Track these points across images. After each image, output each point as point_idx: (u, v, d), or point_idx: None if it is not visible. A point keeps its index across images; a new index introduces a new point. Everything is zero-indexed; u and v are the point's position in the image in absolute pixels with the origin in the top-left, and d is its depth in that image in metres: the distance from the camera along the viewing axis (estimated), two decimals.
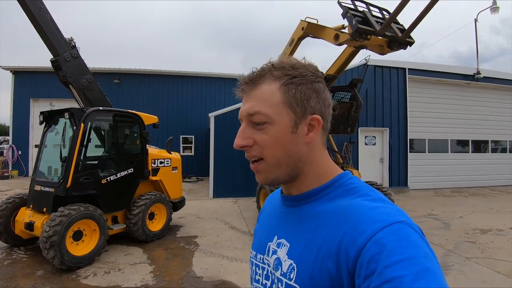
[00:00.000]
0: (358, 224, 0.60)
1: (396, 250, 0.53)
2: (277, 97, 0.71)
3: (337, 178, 0.75)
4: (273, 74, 0.72)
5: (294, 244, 0.71)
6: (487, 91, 13.47)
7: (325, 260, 0.62)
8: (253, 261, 0.85)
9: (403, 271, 0.50)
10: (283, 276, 0.70)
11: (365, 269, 0.54)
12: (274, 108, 0.71)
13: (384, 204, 0.65)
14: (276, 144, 0.71)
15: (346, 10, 5.09)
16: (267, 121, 0.71)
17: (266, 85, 0.72)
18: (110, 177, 5.23)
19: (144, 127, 5.85)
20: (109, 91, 12.91)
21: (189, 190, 11.61)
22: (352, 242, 0.58)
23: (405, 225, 0.58)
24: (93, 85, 5.77)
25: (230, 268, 4.63)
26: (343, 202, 0.68)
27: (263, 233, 0.86)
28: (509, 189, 12.57)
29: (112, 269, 4.56)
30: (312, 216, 0.71)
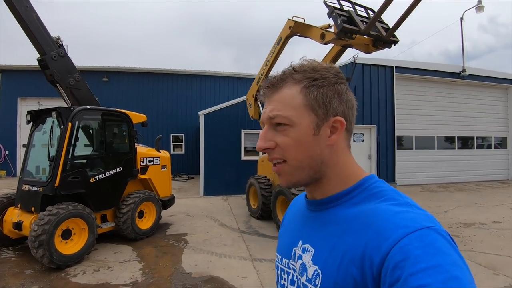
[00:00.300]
0: (382, 230, 0.59)
1: (421, 257, 0.52)
2: (298, 100, 0.71)
3: (362, 181, 0.73)
4: (294, 77, 0.73)
5: (319, 249, 0.70)
6: (472, 88, 13.79)
7: (350, 267, 0.61)
8: (279, 265, 0.85)
9: (429, 279, 0.49)
10: (308, 282, 0.69)
11: (390, 276, 0.53)
12: (295, 110, 0.71)
13: (410, 208, 0.63)
14: (297, 146, 0.71)
15: (331, 10, 5.17)
16: (288, 123, 0.71)
17: (287, 88, 0.73)
18: (98, 176, 5.25)
19: (132, 126, 5.87)
20: (98, 89, 12.84)
21: (179, 189, 11.64)
22: (376, 249, 0.57)
23: (432, 231, 0.56)
24: (80, 84, 5.75)
25: (219, 264, 4.70)
26: (367, 207, 0.67)
27: (287, 237, 0.86)
28: (493, 185, 12.90)
29: (101, 267, 4.59)
30: (336, 221, 0.71)
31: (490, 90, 14.27)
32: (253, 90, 7.70)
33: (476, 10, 13.85)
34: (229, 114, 10.73)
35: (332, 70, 0.74)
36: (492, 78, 13.88)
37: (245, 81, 15.91)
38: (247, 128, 10.76)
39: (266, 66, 7.05)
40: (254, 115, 7.85)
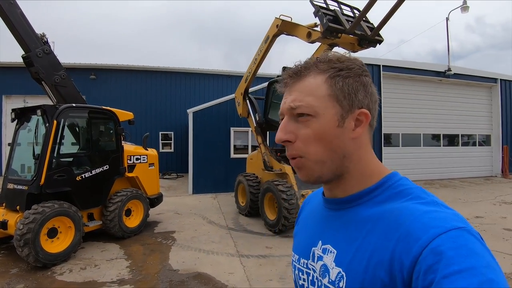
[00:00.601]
0: (412, 230, 0.56)
1: (454, 259, 0.49)
2: (323, 90, 0.68)
3: (385, 179, 0.70)
4: (319, 67, 0.70)
5: (342, 251, 0.67)
6: (458, 87, 14.09)
7: (378, 269, 0.58)
8: (296, 265, 0.82)
9: (463, 283, 0.46)
10: (332, 284, 0.66)
11: (422, 280, 0.50)
12: (319, 101, 0.68)
13: (438, 208, 0.60)
14: (320, 138, 0.67)
15: (317, 9, 5.24)
16: (311, 113, 0.67)
17: (312, 77, 0.69)
18: (84, 174, 5.23)
19: (119, 124, 5.85)
20: (85, 87, 12.74)
21: (168, 187, 11.62)
22: (406, 251, 0.55)
23: (464, 232, 0.53)
24: (66, 82, 5.70)
25: (206, 261, 4.75)
26: (393, 206, 0.64)
27: (305, 237, 0.83)
28: (477, 181, 13.21)
29: (88, 265, 4.59)
30: (360, 221, 0.67)
31: (475, 88, 14.59)
32: (242, 88, 7.73)
33: (461, 10, 14.14)
34: (218, 112, 10.74)
35: (357, 62, 0.71)
36: (476, 77, 14.20)
37: (235, 79, 15.90)
38: (236, 126, 10.80)
39: (254, 65, 7.09)
40: (243, 113, 7.88)
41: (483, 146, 14.92)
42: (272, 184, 6.03)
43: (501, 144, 14.55)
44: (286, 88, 0.73)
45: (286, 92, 0.73)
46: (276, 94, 7.18)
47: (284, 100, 0.72)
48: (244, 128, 10.65)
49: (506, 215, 7.34)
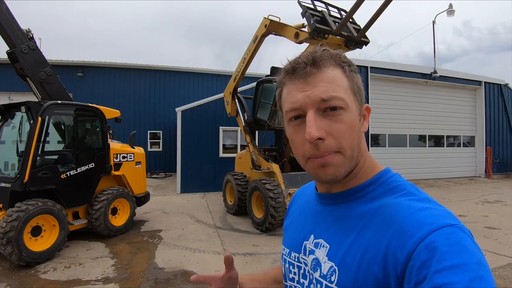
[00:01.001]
0: (406, 226, 0.57)
1: (447, 255, 0.50)
2: (346, 83, 0.67)
3: (379, 175, 0.71)
4: (334, 59, 0.68)
5: (335, 245, 0.67)
6: (443, 89, 14.39)
7: (371, 264, 0.59)
8: (286, 259, 0.82)
9: (454, 278, 0.47)
10: (323, 278, 0.66)
11: (416, 275, 0.51)
12: (346, 93, 0.66)
13: (431, 205, 0.61)
14: (352, 133, 0.66)
15: (305, 10, 5.30)
16: (343, 106, 0.65)
17: (331, 69, 0.66)
18: (70, 172, 5.17)
19: (105, 121, 5.79)
20: (72, 84, 12.59)
21: (156, 186, 11.55)
22: (400, 246, 0.55)
23: (457, 229, 0.54)
24: (52, 78, 5.63)
25: (193, 259, 4.76)
26: (387, 202, 0.64)
27: (296, 230, 0.83)
28: (462, 181, 13.52)
29: (72, 263, 4.54)
30: (353, 216, 0.67)
31: (460, 91, 14.92)
32: (230, 87, 7.75)
33: (447, 14, 14.43)
34: (207, 111, 10.73)
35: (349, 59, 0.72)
36: (461, 80, 14.53)
37: (224, 78, 15.87)
38: (225, 125, 10.80)
39: (243, 64, 7.12)
40: (232, 112, 7.90)
41: (468, 147, 15.27)
42: (260, 183, 6.06)
43: (484, 145, 14.91)
44: (305, 78, 0.66)
45: (304, 83, 0.66)
46: (265, 93, 7.22)
47: (304, 92, 0.65)
48: (233, 127, 10.67)
49: (488, 214, 7.54)
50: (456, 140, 15.10)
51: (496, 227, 6.39)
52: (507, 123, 15.67)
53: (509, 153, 15.69)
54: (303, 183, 4.38)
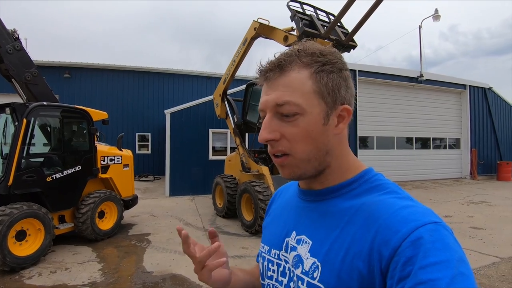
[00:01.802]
0: (391, 222, 0.57)
1: (431, 251, 0.51)
2: (308, 86, 0.65)
3: (362, 173, 0.71)
4: (302, 60, 0.66)
5: (318, 241, 0.67)
6: (429, 92, 14.68)
7: (355, 260, 0.59)
8: (266, 257, 0.81)
9: (438, 274, 0.49)
10: (305, 274, 0.66)
11: (400, 270, 0.52)
12: (305, 98, 0.65)
13: (414, 203, 0.62)
14: (307, 137, 0.66)
15: (294, 13, 5.35)
16: (299, 112, 0.65)
17: (296, 72, 0.66)
18: (55, 175, 5.07)
19: (92, 123, 5.71)
20: (58, 86, 12.39)
21: (145, 189, 11.43)
22: (385, 242, 0.56)
23: (440, 227, 0.55)
24: (37, 79, 5.53)
25: (181, 262, 4.71)
26: (370, 199, 0.65)
27: (277, 228, 0.81)
28: (448, 182, 13.77)
29: (58, 268, 4.45)
30: (337, 212, 0.67)
31: (445, 94, 15.23)
32: (220, 90, 7.75)
33: (433, 19, 14.74)
34: (196, 113, 10.69)
35: (338, 54, 0.69)
36: (447, 83, 14.85)
37: (214, 81, 15.84)
38: (215, 127, 10.77)
39: (233, 66, 7.13)
40: (221, 114, 7.89)
41: (453, 149, 15.58)
42: (249, 185, 6.06)
43: (469, 148, 15.23)
44: (267, 82, 0.69)
45: (267, 87, 0.68)
46: (255, 96, 7.25)
47: (266, 96, 0.68)
48: (223, 129, 10.64)
49: (473, 214, 7.70)
50: (442, 142, 15.41)
51: (481, 227, 6.52)
52: (491, 126, 16.06)
53: (493, 155, 16.08)
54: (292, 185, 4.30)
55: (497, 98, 16.51)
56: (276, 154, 0.69)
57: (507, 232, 6.17)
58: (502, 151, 16.32)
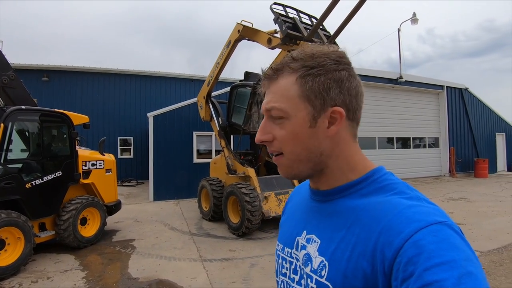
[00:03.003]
0: (395, 223, 0.57)
1: (435, 252, 0.50)
2: (293, 91, 0.68)
3: (370, 173, 0.71)
4: (291, 66, 0.69)
5: (326, 240, 0.69)
6: (409, 93, 15.07)
7: (360, 260, 0.60)
8: (280, 254, 0.84)
9: (444, 275, 0.48)
10: (313, 272, 0.68)
11: (402, 271, 0.52)
12: (290, 102, 0.68)
13: (421, 202, 0.62)
14: (293, 139, 0.69)
15: (277, 16, 5.40)
16: (283, 116, 0.69)
17: (284, 78, 0.70)
18: (35, 181, 4.90)
19: (73, 127, 5.56)
20: (36, 89, 12.01)
21: (128, 194, 11.21)
22: (388, 243, 0.56)
23: (445, 226, 0.55)
24: (15, 83, 5.36)
25: (168, 267, 4.65)
26: (377, 199, 0.65)
27: (290, 227, 0.84)
28: (428, 180, 14.16)
29: (40, 278, 4.31)
30: (344, 212, 0.68)
31: (424, 95, 15.68)
32: (204, 92, 7.71)
33: (411, 22, 15.15)
34: (180, 116, 10.58)
35: (333, 55, 0.69)
36: (425, 84, 15.30)
37: (198, 83, 15.70)
38: (199, 130, 10.69)
39: (216, 68, 7.12)
40: (206, 116, 7.85)
41: (433, 148, 16.04)
42: (236, 187, 6.05)
43: (448, 146, 15.72)
44: (265, 88, 0.74)
45: (266, 92, 0.74)
46: (239, 98, 7.25)
47: (264, 100, 0.74)
48: (208, 132, 10.58)
49: (453, 210, 7.95)
50: (421, 142, 15.84)
51: (461, 223, 6.73)
52: (468, 125, 16.64)
53: (470, 153, 16.65)
54: (278, 186, 4.51)
55: (473, 98, 17.13)
56: (273, 153, 0.74)
57: (485, 227, 6.39)
58: (479, 149, 16.93)
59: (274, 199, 6.21)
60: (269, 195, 6.16)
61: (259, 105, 6.47)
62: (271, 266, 4.64)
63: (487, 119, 17.90)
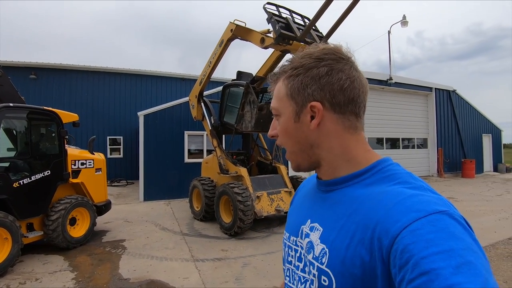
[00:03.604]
0: (393, 212, 0.58)
1: (434, 241, 0.50)
2: (282, 91, 0.77)
3: (375, 164, 0.72)
4: (284, 69, 0.78)
5: (328, 229, 0.71)
6: (398, 94, 15.27)
7: (359, 247, 0.61)
8: (286, 243, 0.87)
9: (441, 264, 0.47)
10: (315, 259, 0.70)
11: (399, 258, 0.52)
12: (281, 102, 0.77)
13: (424, 192, 0.62)
14: (285, 134, 0.78)
15: (270, 16, 5.40)
16: (277, 114, 0.79)
17: (279, 82, 0.78)
18: (23, 181, 4.79)
19: (62, 126, 5.44)
20: (24, 87, 11.75)
21: (117, 194, 11.06)
22: (385, 231, 0.57)
23: (445, 216, 0.54)
24: (3, 80, 5.24)
25: (159, 268, 4.60)
26: (379, 189, 0.66)
27: (296, 216, 0.87)
28: None
29: (28, 279, 4.22)
30: (346, 201, 0.70)
31: (413, 96, 15.91)
32: (196, 91, 7.66)
33: (401, 24, 15.34)
34: (171, 115, 10.49)
35: (316, 53, 0.72)
36: (414, 86, 15.54)
37: (189, 82, 15.61)
38: (190, 129, 10.62)
39: (209, 67, 7.08)
40: (197, 116, 7.80)
41: (421, 149, 16.28)
42: (228, 187, 6.03)
43: (436, 147, 15.98)
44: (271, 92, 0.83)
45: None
46: (231, 97, 7.23)
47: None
48: (199, 131, 10.52)
49: None
50: (410, 143, 16.06)
51: None
52: (456, 126, 16.94)
53: (458, 153, 16.95)
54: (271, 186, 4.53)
55: (460, 100, 17.45)
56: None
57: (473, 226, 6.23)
58: (466, 150, 17.26)
59: (267, 198, 6.21)
60: (262, 194, 6.16)
61: (251, 104, 6.46)
62: (263, 266, 4.64)
63: (474, 120, 18.26)
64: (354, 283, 0.61)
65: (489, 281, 0.47)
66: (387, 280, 0.56)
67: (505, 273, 4.35)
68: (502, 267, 4.53)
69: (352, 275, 0.61)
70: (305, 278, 0.74)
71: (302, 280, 0.75)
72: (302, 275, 0.76)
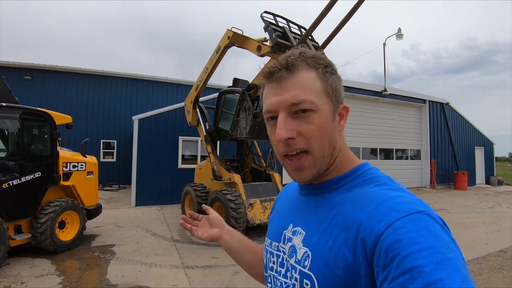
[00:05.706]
0: (376, 213, 0.59)
1: (415, 239, 0.52)
2: (318, 85, 0.69)
3: (356, 168, 0.74)
4: (308, 62, 0.69)
5: (310, 232, 0.70)
6: (392, 106, 15.44)
7: (342, 248, 0.61)
8: (268, 249, 0.85)
9: (423, 261, 0.49)
10: (297, 263, 0.69)
11: (383, 257, 0.53)
12: (318, 96, 0.68)
13: (404, 193, 0.64)
14: (322, 133, 0.68)
15: (267, 25, 5.44)
16: (314, 109, 0.67)
17: (305, 72, 0.69)
18: (12, 182, 4.72)
19: (55, 127, 5.39)
20: (18, 88, 11.68)
21: (109, 199, 10.94)
22: (369, 231, 0.57)
23: (425, 215, 0.56)
24: None
25: (148, 274, 4.53)
26: (361, 191, 0.67)
27: (278, 222, 0.86)
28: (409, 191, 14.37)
29: (13, 282, 4.12)
30: (329, 205, 0.70)
31: (407, 108, 16.10)
32: (192, 96, 7.67)
33: (396, 37, 15.57)
34: (166, 120, 10.46)
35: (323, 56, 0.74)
36: (408, 98, 15.74)
37: (185, 88, 15.61)
38: (185, 135, 10.59)
39: (205, 74, 7.10)
40: (192, 121, 7.79)
41: (414, 160, 16.41)
42: (221, 194, 5.99)
43: (429, 158, 16.11)
44: (278, 82, 0.70)
45: (277, 87, 0.70)
46: (227, 104, 7.23)
47: (277, 96, 0.69)
48: (193, 137, 10.50)
49: None
50: (404, 154, 16.19)
51: None
52: (449, 138, 17.13)
53: (450, 165, 17.10)
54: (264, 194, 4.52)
55: (454, 113, 17.68)
56: (291, 154, 0.70)
57: (465, 238, 6.53)
58: (459, 162, 17.42)
59: (259, 206, 6.18)
60: (254, 202, 6.13)
61: (247, 111, 6.47)
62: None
63: (467, 133, 18.48)
64: (337, 284, 0.61)
65: (466, 278, 0.49)
66: (370, 279, 0.57)
67: (496, 285, 4.36)
68: (493, 279, 4.53)
69: (335, 276, 0.61)
70: (286, 283, 0.73)
71: (284, 285, 0.74)
72: (284, 281, 0.75)
